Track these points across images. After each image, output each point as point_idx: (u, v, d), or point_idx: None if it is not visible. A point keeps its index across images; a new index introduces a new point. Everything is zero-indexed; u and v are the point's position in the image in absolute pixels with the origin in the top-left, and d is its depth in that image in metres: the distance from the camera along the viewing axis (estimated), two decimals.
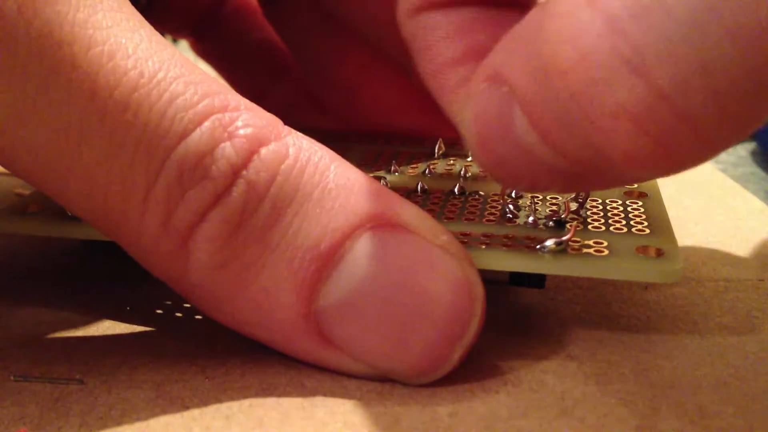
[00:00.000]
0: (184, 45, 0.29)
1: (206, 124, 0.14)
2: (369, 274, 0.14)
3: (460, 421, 0.14)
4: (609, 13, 0.10)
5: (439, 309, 0.14)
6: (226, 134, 0.14)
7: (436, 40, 0.14)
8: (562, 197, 0.18)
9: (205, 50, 0.27)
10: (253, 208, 0.14)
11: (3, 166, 0.14)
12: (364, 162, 0.21)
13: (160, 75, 0.14)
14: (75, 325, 0.17)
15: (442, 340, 0.14)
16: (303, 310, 0.14)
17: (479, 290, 0.14)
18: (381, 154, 0.22)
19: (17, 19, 0.13)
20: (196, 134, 0.14)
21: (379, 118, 0.24)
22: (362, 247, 0.14)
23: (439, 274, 0.14)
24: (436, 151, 0.22)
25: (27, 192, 0.20)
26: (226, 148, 0.14)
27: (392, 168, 0.21)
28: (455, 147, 0.22)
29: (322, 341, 0.14)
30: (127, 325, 0.17)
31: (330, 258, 0.14)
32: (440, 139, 0.22)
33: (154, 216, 0.14)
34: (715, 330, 0.17)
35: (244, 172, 0.14)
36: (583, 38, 0.10)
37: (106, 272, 0.20)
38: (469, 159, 0.21)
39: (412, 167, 0.21)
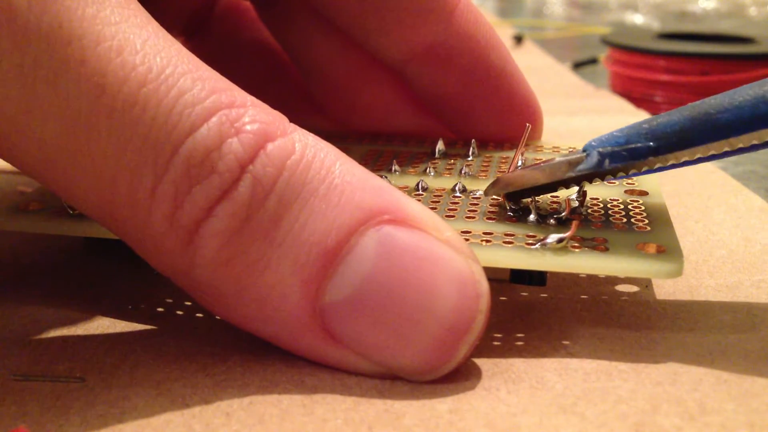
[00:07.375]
0: None
1: (213, 119, 0.14)
2: (374, 270, 0.14)
3: (461, 417, 0.14)
4: None
5: (445, 305, 0.14)
6: (233, 130, 0.14)
7: None
8: (563, 195, 0.18)
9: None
10: (260, 203, 0.14)
11: (10, 161, 0.14)
12: (365, 162, 0.21)
13: (168, 71, 0.14)
14: (75, 323, 0.17)
15: (447, 337, 0.14)
16: (308, 307, 0.14)
17: (484, 286, 0.14)
18: (381, 153, 0.22)
19: (28, 13, 0.13)
20: (204, 129, 0.14)
21: (377, 120, 0.24)
22: (368, 243, 0.14)
23: (444, 270, 0.14)
24: (437, 150, 0.22)
25: (29, 189, 0.20)
26: (233, 144, 0.14)
27: (393, 167, 0.21)
28: (455, 146, 0.23)
29: (327, 338, 0.14)
30: (128, 323, 0.17)
31: (336, 254, 0.14)
32: (440, 139, 0.22)
33: (160, 211, 0.14)
34: (715, 328, 0.17)
35: (251, 167, 0.14)
36: None
37: (107, 270, 0.20)
38: (470, 158, 0.22)
39: (412, 167, 0.21)
